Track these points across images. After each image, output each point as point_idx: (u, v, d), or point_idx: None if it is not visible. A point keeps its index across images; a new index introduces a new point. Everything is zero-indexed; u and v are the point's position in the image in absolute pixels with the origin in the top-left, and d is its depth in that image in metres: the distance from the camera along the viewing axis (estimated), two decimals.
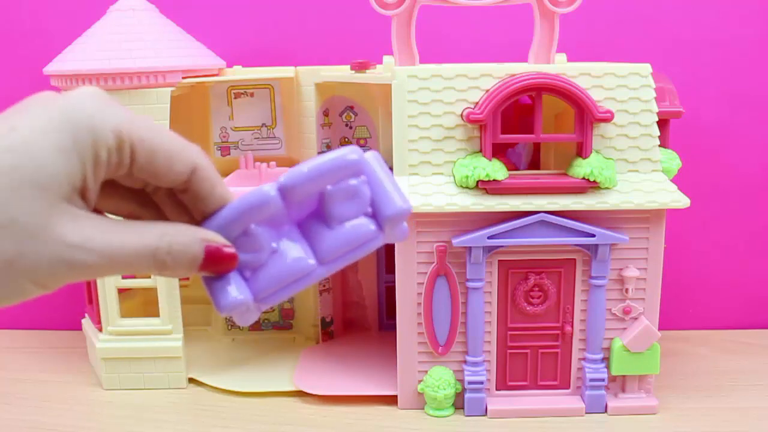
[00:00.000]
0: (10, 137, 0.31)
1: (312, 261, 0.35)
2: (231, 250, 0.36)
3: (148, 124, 0.35)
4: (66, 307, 0.99)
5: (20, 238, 0.31)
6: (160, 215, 0.38)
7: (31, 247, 0.32)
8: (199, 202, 0.37)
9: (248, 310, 0.35)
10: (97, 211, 0.36)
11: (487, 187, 0.72)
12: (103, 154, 0.33)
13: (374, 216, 0.35)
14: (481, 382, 0.77)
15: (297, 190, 0.34)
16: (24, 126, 0.31)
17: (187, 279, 0.96)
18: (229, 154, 0.97)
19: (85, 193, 0.33)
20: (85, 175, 0.33)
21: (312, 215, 0.36)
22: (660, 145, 0.75)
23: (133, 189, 0.37)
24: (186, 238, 0.35)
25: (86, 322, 0.92)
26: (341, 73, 0.87)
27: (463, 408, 0.78)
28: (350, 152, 0.35)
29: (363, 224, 0.35)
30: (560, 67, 0.74)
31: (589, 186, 0.72)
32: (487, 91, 0.73)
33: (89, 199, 0.34)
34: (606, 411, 0.77)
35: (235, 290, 0.34)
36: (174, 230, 0.35)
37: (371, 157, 0.36)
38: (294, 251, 0.35)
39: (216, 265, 0.35)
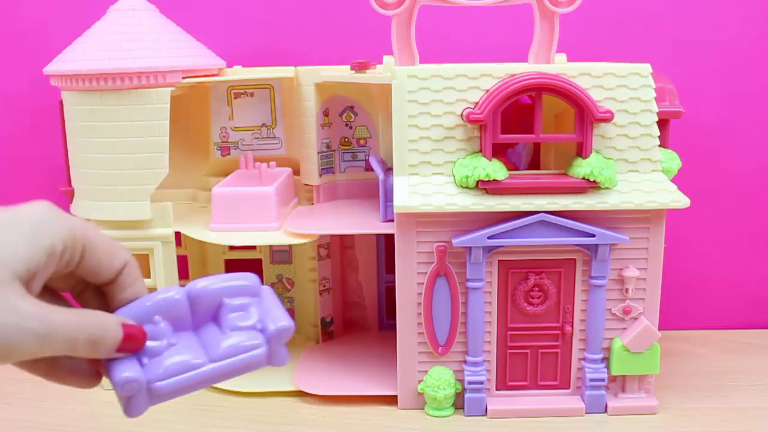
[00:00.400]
0: None
1: (201, 359, 0.42)
2: (141, 329, 0.42)
3: (94, 228, 0.43)
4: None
5: None
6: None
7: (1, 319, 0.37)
8: (121, 292, 0.45)
9: (140, 392, 0.40)
10: None
11: (487, 187, 0.72)
12: (59, 248, 0.40)
13: (262, 331, 0.42)
14: (481, 382, 0.77)
15: (201, 299, 0.42)
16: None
17: (186, 278, 0.96)
18: (229, 154, 0.97)
19: (32, 282, 0.40)
20: (39, 264, 0.39)
21: (211, 319, 0.43)
22: (660, 145, 0.75)
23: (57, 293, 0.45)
24: (111, 320, 0.42)
25: None
26: (341, 73, 0.87)
27: (463, 408, 0.78)
28: (249, 279, 0.43)
29: (251, 334, 0.43)
30: (560, 67, 0.74)
31: (589, 186, 0.72)
32: (487, 91, 0.73)
33: (33, 291, 0.40)
34: (606, 411, 0.77)
35: (131, 369, 0.40)
36: (104, 315, 0.42)
37: (266, 288, 0.44)
38: (188, 347, 0.42)
39: (131, 342, 0.42)
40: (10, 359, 0.40)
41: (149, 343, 0.42)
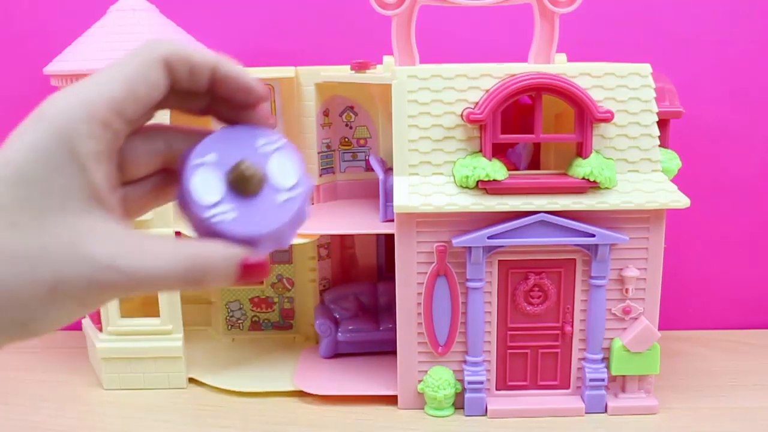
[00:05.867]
0: (6, 172, 0.31)
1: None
2: (264, 261, 0.36)
3: (114, 76, 0.35)
4: None
5: (55, 264, 0.32)
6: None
7: (67, 271, 0.32)
8: (190, 86, 0.37)
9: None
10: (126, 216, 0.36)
11: (487, 187, 0.72)
12: (94, 147, 0.33)
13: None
14: (481, 382, 0.77)
15: None
16: (14, 157, 0.32)
17: None
18: None
19: (104, 196, 0.33)
20: (90, 177, 0.32)
21: None
22: (660, 145, 0.75)
23: (149, 174, 0.38)
24: (218, 257, 0.35)
25: (86, 322, 0.92)
26: (341, 73, 0.87)
27: (463, 408, 0.78)
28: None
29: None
30: (560, 67, 0.74)
31: (589, 186, 0.72)
32: (487, 91, 0.73)
33: (114, 207, 0.34)
34: (606, 411, 0.77)
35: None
36: (206, 249, 0.35)
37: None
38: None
39: (250, 279, 0.36)
40: (99, 305, 0.34)
41: None
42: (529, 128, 0.73)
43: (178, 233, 0.84)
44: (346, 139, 0.94)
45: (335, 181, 0.94)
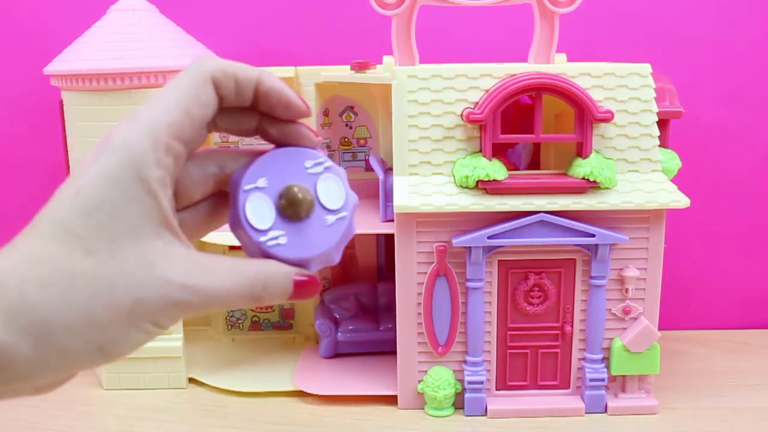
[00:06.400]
0: (80, 202, 0.33)
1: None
2: (316, 278, 0.38)
3: (170, 102, 0.36)
4: None
5: (131, 287, 0.33)
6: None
7: (143, 293, 0.34)
8: (236, 101, 0.38)
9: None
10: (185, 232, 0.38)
11: (487, 187, 0.72)
12: (158, 174, 0.34)
13: None
14: (481, 382, 0.77)
15: None
16: (86, 186, 0.33)
17: None
18: None
19: (170, 220, 0.35)
20: (157, 203, 0.34)
21: None
22: (660, 145, 0.75)
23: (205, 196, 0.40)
24: (277, 275, 0.38)
25: None
26: (341, 73, 0.87)
27: (463, 408, 0.78)
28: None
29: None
30: (560, 67, 0.74)
31: (589, 186, 0.72)
32: (487, 91, 0.73)
33: (178, 231, 0.36)
34: (606, 411, 0.77)
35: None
36: (266, 267, 0.37)
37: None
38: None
39: (304, 295, 0.38)
40: (170, 324, 0.36)
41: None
42: (529, 128, 0.73)
43: None
44: (346, 139, 0.94)
45: None
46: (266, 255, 0.38)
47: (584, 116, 0.72)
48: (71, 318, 0.33)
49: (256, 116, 0.41)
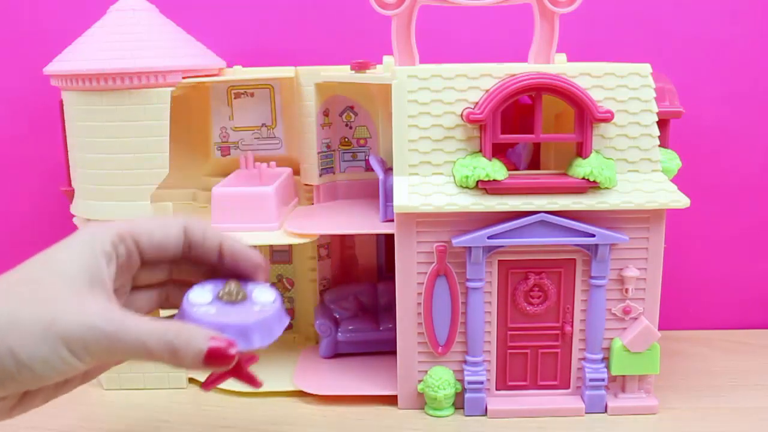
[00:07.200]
0: (49, 256, 0.46)
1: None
2: (233, 349, 0.46)
3: (142, 218, 0.52)
4: None
5: (55, 308, 0.42)
6: None
7: (62, 314, 0.42)
8: (202, 249, 0.51)
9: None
10: None
11: (487, 187, 0.72)
12: (108, 247, 0.47)
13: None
14: (481, 382, 0.77)
15: None
16: (51, 253, 0.46)
17: None
18: (229, 154, 0.97)
19: (108, 285, 0.46)
20: (101, 267, 0.46)
21: None
22: (660, 145, 0.75)
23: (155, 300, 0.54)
24: (193, 330, 0.45)
25: None
26: (341, 73, 0.87)
27: (463, 408, 0.78)
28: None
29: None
30: (560, 67, 0.74)
31: (589, 186, 0.72)
32: (487, 91, 0.73)
33: (117, 294, 0.48)
34: (606, 411, 0.77)
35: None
36: (187, 324, 0.46)
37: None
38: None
39: (217, 358, 0.45)
40: (81, 359, 0.43)
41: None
42: (529, 128, 0.73)
43: None
44: (346, 139, 0.94)
45: (335, 181, 0.94)
46: (193, 321, 0.47)
47: (584, 116, 0.72)
48: None
49: (215, 266, 0.53)
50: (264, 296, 0.53)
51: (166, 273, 0.53)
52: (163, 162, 0.80)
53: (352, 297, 0.94)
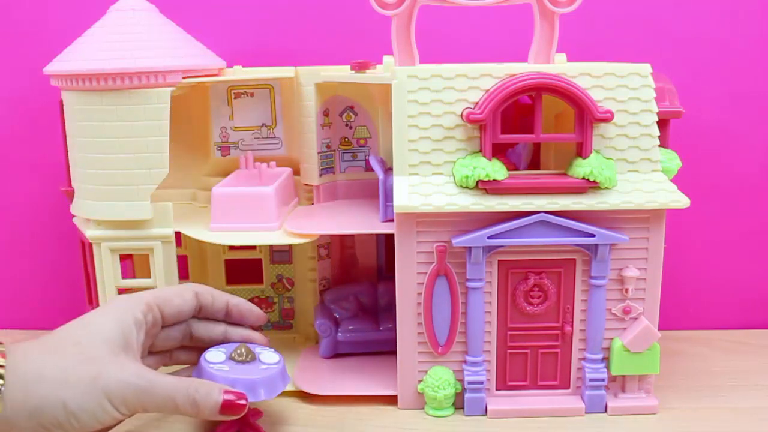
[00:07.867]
0: (88, 320, 0.59)
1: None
2: (243, 401, 0.59)
3: (159, 289, 0.70)
4: (66, 307, 0.99)
5: (98, 368, 0.54)
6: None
7: (105, 372, 0.53)
8: (212, 309, 0.68)
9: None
10: None
11: (487, 187, 0.72)
12: (140, 315, 0.59)
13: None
14: (481, 382, 0.77)
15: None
16: (90, 318, 0.59)
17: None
18: (229, 154, 0.97)
19: (138, 349, 0.59)
20: (132, 333, 0.58)
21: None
22: (660, 145, 0.75)
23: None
24: (211, 385, 0.58)
25: None
26: (341, 73, 0.87)
27: (463, 408, 0.78)
28: None
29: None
30: (560, 67, 0.74)
31: (589, 186, 0.72)
32: (487, 91, 0.73)
33: (139, 357, 0.59)
34: (606, 411, 0.77)
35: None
36: (206, 382, 0.59)
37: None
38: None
39: (231, 408, 0.57)
40: (119, 410, 0.53)
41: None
42: (529, 128, 0.73)
43: (177, 233, 0.84)
44: (346, 139, 0.94)
45: (335, 181, 0.94)
46: (209, 377, 0.61)
47: (584, 116, 0.72)
48: (49, 370, 0.52)
49: (222, 326, 0.70)
50: (270, 358, 0.68)
51: (178, 342, 0.67)
52: (163, 162, 0.80)
53: (352, 297, 0.94)
